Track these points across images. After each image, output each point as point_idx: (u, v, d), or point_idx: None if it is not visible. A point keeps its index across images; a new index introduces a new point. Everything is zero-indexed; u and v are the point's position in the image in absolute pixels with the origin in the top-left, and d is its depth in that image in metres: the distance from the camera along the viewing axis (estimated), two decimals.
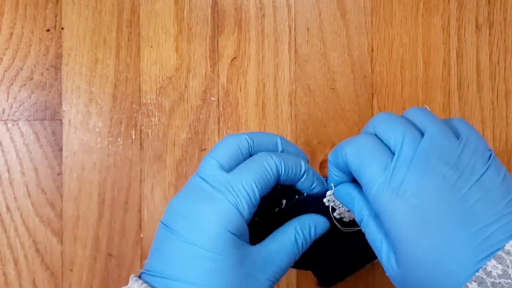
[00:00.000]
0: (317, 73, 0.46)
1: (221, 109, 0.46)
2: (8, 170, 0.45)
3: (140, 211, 0.45)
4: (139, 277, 0.30)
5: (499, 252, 0.24)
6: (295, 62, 0.46)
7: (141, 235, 0.45)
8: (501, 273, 0.24)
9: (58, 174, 0.45)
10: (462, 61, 0.46)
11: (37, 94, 0.45)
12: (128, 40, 0.46)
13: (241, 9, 0.46)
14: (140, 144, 0.45)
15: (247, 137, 0.32)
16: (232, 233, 0.28)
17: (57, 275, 0.45)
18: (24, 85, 0.45)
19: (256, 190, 0.29)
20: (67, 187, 0.45)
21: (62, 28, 0.46)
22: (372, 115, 0.45)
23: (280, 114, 0.46)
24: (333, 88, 0.46)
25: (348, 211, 0.35)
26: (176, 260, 0.29)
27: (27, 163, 0.45)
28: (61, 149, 0.45)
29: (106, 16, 0.46)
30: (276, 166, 0.30)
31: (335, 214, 0.35)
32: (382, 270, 0.45)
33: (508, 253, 0.24)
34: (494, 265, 0.24)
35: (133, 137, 0.45)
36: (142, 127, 0.46)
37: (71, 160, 0.45)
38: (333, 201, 0.34)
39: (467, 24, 0.46)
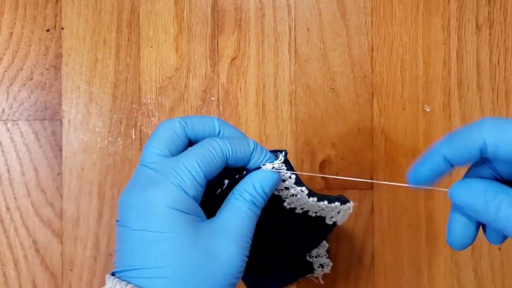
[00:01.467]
0: (317, 73, 0.46)
1: (221, 109, 0.46)
2: (8, 170, 0.45)
3: None
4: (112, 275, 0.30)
5: None
6: (295, 62, 0.46)
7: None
8: None
9: (58, 174, 0.45)
10: (462, 61, 0.46)
11: (37, 94, 0.45)
12: (128, 40, 0.46)
13: (241, 9, 0.46)
14: (140, 144, 0.45)
15: (180, 120, 0.32)
16: (180, 211, 0.28)
17: (57, 275, 0.45)
18: (24, 85, 0.45)
19: (199, 170, 0.29)
20: (67, 187, 0.45)
21: (62, 28, 0.46)
22: (372, 115, 0.45)
23: (280, 114, 0.46)
24: (333, 88, 0.46)
25: (298, 198, 0.34)
26: (133, 250, 0.29)
27: (27, 163, 0.45)
28: (61, 149, 0.45)
29: (106, 16, 0.46)
30: (221, 147, 0.30)
31: (285, 204, 0.34)
32: (382, 270, 0.45)
33: None
34: None
35: (133, 137, 0.45)
36: (142, 127, 0.46)
37: (71, 160, 0.45)
38: (282, 189, 0.33)
39: (467, 24, 0.46)
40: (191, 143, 0.33)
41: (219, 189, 0.33)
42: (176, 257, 0.28)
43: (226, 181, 0.33)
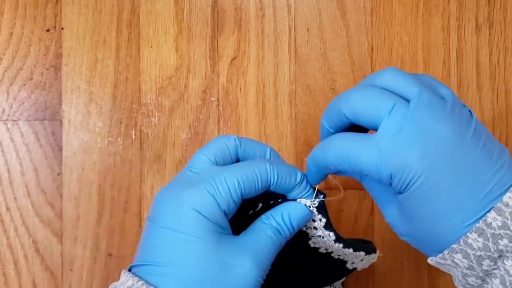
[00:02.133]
0: (317, 73, 0.46)
1: (221, 109, 0.46)
2: (8, 170, 0.45)
3: (140, 211, 0.45)
4: (129, 270, 0.31)
5: (498, 204, 0.26)
6: (295, 62, 0.46)
7: (141, 235, 0.45)
8: (500, 224, 0.25)
9: (58, 174, 0.45)
10: (462, 61, 0.46)
11: (37, 94, 0.45)
12: (128, 40, 0.46)
13: (241, 9, 0.46)
14: (140, 144, 0.45)
15: (236, 138, 0.32)
16: (207, 218, 0.28)
17: (57, 275, 0.45)
18: (24, 85, 0.45)
19: (237, 187, 0.29)
20: (67, 187, 0.45)
21: (62, 28, 0.46)
22: None
23: (280, 114, 0.46)
24: (333, 88, 0.46)
25: (324, 241, 0.34)
26: (154, 245, 0.29)
27: (27, 163, 0.45)
28: (61, 149, 0.45)
29: (106, 16, 0.46)
30: (267, 172, 0.31)
31: (310, 242, 0.34)
32: (382, 270, 0.45)
33: (506, 205, 0.26)
34: (494, 217, 0.25)
35: (133, 137, 0.45)
36: (142, 127, 0.46)
37: (71, 160, 0.45)
38: (311, 227, 0.33)
39: (467, 24, 0.46)
40: None
41: (252, 210, 0.33)
42: (193, 260, 0.28)
43: (260, 205, 0.33)
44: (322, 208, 0.33)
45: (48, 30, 0.46)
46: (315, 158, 0.31)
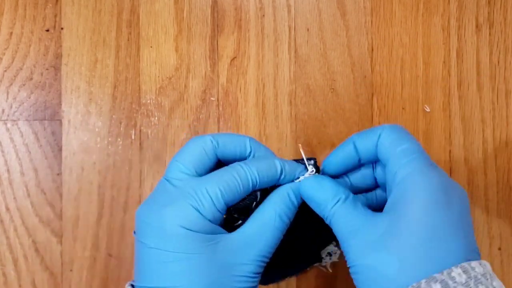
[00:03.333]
0: (317, 73, 0.46)
1: (221, 109, 0.46)
2: (8, 170, 0.45)
3: None
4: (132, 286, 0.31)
5: (464, 264, 0.27)
6: (295, 62, 0.46)
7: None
8: (464, 281, 0.26)
9: (58, 174, 0.45)
10: (462, 61, 0.46)
11: (37, 94, 0.45)
12: (128, 40, 0.46)
13: (241, 9, 0.46)
14: (140, 144, 0.45)
15: (211, 138, 0.32)
16: (195, 231, 0.29)
17: (57, 275, 0.45)
18: (24, 85, 0.45)
19: (220, 196, 0.30)
20: (67, 187, 0.45)
21: (62, 28, 0.46)
22: (372, 115, 0.45)
23: (280, 114, 0.46)
24: (333, 88, 0.46)
25: None
26: (149, 268, 0.29)
27: (26, 163, 0.45)
28: (60, 149, 0.45)
29: (105, 16, 0.46)
30: (246, 175, 0.31)
31: None
32: None
33: (473, 269, 0.27)
34: (459, 273, 0.26)
35: (133, 137, 0.45)
36: (142, 127, 0.46)
37: (71, 160, 0.45)
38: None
39: (467, 24, 0.46)
40: (220, 162, 0.33)
41: (254, 202, 0.33)
42: (191, 276, 0.28)
43: (258, 193, 0.33)
44: (317, 169, 0.34)
45: (48, 30, 0.46)
46: (362, 133, 0.33)
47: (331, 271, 0.44)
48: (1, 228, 0.45)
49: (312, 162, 0.34)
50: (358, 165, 0.34)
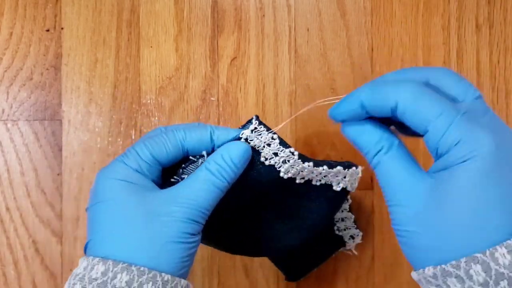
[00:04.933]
0: (317, 73, 0.46)
1: (221, 109, 0.46)
2: (8, 170, 0.45)
3: None
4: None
5: (511, 242, 0.24)
6: (295, 62, 0.46)
7: None
8: (507, 264, 0.24)
9: (58, 174, 0.45)
10: (462, 61, 0.46)
11: (37, 94, 0.45)
12: (128, 40, 0.46)
13: (241, 9, 0.46)
14: None
15: (176, 127, 0.34)
16: (121, 180, 0.30)
17: (57, 275, 0.45)
18: (24, 85, 0.45)
19: (144, 148, 0.31)
20: (67, 187, 0.45)
21: (62, 28, 0.46)
22: None
23: (280, 114, 0.46)
24: (333, 88, 0.46)
25: (291, 165, 0.33)
26: (90, 224, 0.31)
27: (26, 163, 0.45)
28: (60, 149, 0.45)
29: (105, 16, 0.46)
30: (173, 132, 0.32)
31: (281, 174, 0.33)
32: (382, 270, 0.45)
33: None
34: (503, 254, 0.24)
35: (133, 137, 0.45)
36: (142, 127, 0.46)
37: (71, 160, 0.45)
38: (251, 139, 0.32)
39: (467, 24, 0.46)
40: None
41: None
42: (122, 221, 0.30)
43: (205, 156, 0.33)
44: (266, 128, 0.33)
45: (48, 30, 0.46)
46: (374, 91, 0.28)
47: (356, 253, 0.44)
48: (1, 228, 0.45)
49: (253, 118, 0.32)
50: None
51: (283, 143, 0.33)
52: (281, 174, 0.33)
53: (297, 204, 0.36)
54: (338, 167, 0.34)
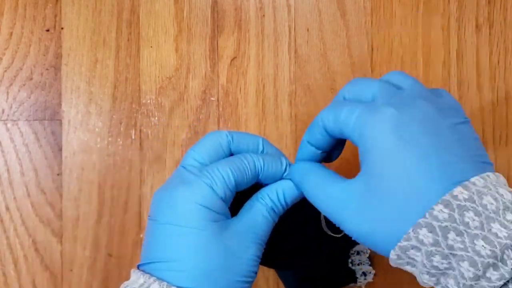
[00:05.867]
0: (317, 73, 0.46)
1: (221, 109, 0.46)
2: (8, 170, 0.45)
3: (140, 211, 0.45)
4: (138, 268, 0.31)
5: (466, 182, 0.25)
6: (295, 62, 0.46)
7: (141, 235, 0.45)
8: (466, 197, 0.25)
9: (58, 174, 0.45)
10: (462, 61, 0.46)
11: (37, 94, 0.45)
12: (128, 40, 0.46)
13: (241, 9, 0.46)
14: (140, 144, 0.45)
15: (227, 133, 0.33)
16: (208, 208, 0.30)
17: (57, 275, 0.45)
18: (24, 85, 0.45)
19: (231, 175, 0.31)
20: (67, 187, 0.45)
21: (62, 28, 0.46)
22: None
23: (280, 114, 0.46)
24: (333, 88, 0.46)
25: None
26: (159, 242, 0.30)
27: (26, 163, 0.45)
28: (60, 149, 0.45)
29: (105, 16, 0.46)
30: (254, 161, 0.32)
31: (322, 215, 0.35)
32: (382, 270, 0.45)
33: (473, 184, 0.25)
34: (460, 191, 0.25)
35: (133, 137, 0.45)
36: (142, 127, 0.46)
37: (71, 160, 0.45)
38: None
39: (467, 24, 0.46)
40: None
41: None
42: (198, 251, 0.29)
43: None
44: None
45: (48, 30, 0.46)
46: (313, 125, 0.32)
47: None
48: (1, 228, 0.45)
49: None
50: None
51: None
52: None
53: (318, 228, 0.37)
54: None
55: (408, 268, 0.28)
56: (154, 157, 0.45)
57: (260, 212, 0.31)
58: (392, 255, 0.27)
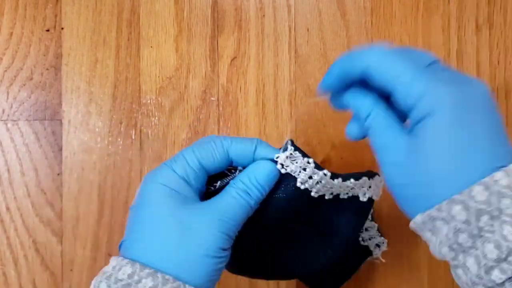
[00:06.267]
0: (317, 73, 0.46)
1: (221, 109, 0.46)
2: (8, 170, 0.45)
3: None
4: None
5: (508, 167, 0.26)
6: (295, 62, 0.46)
7: None
8: (506, 184, 0.25)
9: (58, 174, 0.45)
10: (462, 61, 0.46)
11: (37, 94, 0.45)
12: (128, 40, 0.46)
13: (241, 9, 0.46)
14: (140, 144, 0.45)
15: (223, 137, 0.34)
16: (166, 186, 0.31)
17: (57, 275, 0.45)
18: (24, 85, 0.45)
19: (193, 155, 0.32)
20: (67, 187, 0.45)
21: (62, 28, 0.46)
22: None
23: (280, 114, 0.46)
24: None
25: (323, 184, 0.33)
26: (129, 224, 0.32)
27: (27, 163, 0.45)
28: (61, 149, 0.45)
29: (106, 16, 0.46)
30: (221, 140, 0.33)
31: (313, 194, 0.34)
32: (382, 270, 0.45)
33: (496, 182, 0.26)
34: (501, 176, 0.26)
35: (133, 137, 0.46)
36: (142, 127, 0.46)
37: (71, 160, 0.45)
38: (287, 166, 0.33)
39: (467, 24, 0.46)
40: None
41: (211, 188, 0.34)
42: (153, 226, 0.30)
43: (219, 182, 0.34)
44: (301, 153, 0.33)
45: (48, 30, 0.46)
46: (348, 59, 0.30)
47: (384, 261, 0.44)
48: (1, 228, 0.45)
49: (289, 142, 0.33)
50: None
51: (318, 167, 0.33)
52: (312, 194, 0.34)
53: (327, 220, 0.37)
54: (364, 178, 0.35)
55: (427, 235, 0.28)
56: (154, 157, 0.45)
57: (230, 194, 0.31)
58: (418, 219, 0.28)
